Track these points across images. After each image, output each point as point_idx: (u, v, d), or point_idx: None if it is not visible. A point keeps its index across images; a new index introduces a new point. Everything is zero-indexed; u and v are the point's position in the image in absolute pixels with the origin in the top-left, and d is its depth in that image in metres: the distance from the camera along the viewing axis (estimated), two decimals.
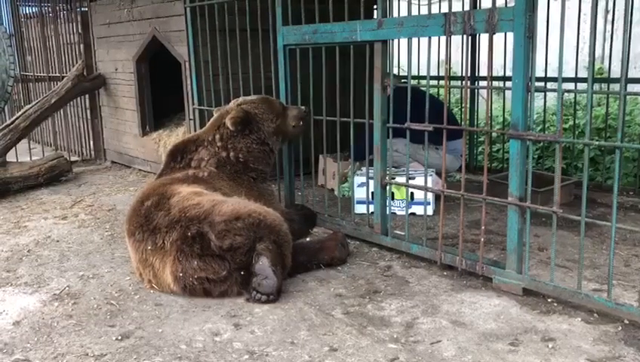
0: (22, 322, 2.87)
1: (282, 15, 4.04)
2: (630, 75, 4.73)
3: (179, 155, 3.77)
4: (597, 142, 3.16)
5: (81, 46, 6.73)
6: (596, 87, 6.22)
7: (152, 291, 3.16)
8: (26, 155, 6.32)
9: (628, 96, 5.51)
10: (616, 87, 5.77)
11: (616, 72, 5.47)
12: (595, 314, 2.75)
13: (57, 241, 4.09)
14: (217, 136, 3.76)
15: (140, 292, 3.16)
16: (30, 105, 6.10)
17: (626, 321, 2.66)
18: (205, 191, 3.34)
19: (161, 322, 2.83)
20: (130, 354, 2.53)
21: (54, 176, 5.84)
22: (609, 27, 6.39)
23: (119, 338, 2.68)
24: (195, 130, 5.02)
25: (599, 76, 6.85)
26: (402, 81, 4.68)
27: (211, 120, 3.95)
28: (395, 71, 7.03)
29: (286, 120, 3.93)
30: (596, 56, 7.31)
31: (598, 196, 4.62)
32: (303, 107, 4.00)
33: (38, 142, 7.64)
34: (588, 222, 2.76)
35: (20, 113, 5.98)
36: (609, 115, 5.38)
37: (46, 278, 3.42)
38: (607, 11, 7.80)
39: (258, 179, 3.84)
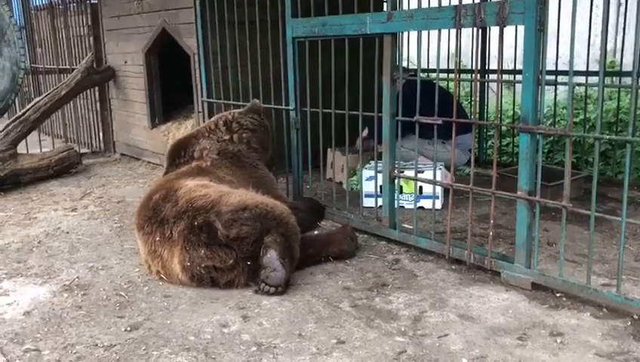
0: (32, 312, 2.90)
1: (291, 7, 4.03)
2: None
3: (182, 151, 3.87)
4: (608, 137, 3.14)
5: (91, 38, 6.73)
6: (607, 80, 6.16)
7: (160, 283, 3.18)
8: (36, 147, 6.36)
9: None
10: (627, 80, 5.72)
11: (628, 65, 5.42)
12: (604, 309, 2.74)
13: (67, 233, 4.11)
14: (221, 122, 4.01)
15: (149, 284, 3.18)
16: (40, 98, 6.13)
17: (636, 316, 2.65)
18: (212, 184, 3.37)
19: (169, 313, 2.85)
20: (139, 345, 2.55)
21: (64, 167, 5.88)
22: (621, 20, 6.33)
23: (128, 329, 2.70)
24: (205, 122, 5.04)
25: (611, 70, 6.78)
26: (411, 74, 4.65)
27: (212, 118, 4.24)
28: (405, 64, 6.99)
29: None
30: (608, 49, 7.24)
31: (608, 191, 4.59)
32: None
33: (48, 134, 7.67)
34: (598, 217, 2.73)
35: (30, 105, 6.00)
36: (620, 109, 5.33)
37: (56, 269, 3.45)
38: (619, 4, 7.72)
39: (259, 164, 4.00)
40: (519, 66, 3.30)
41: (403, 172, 3.79)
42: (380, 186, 3.81)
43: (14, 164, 5.45)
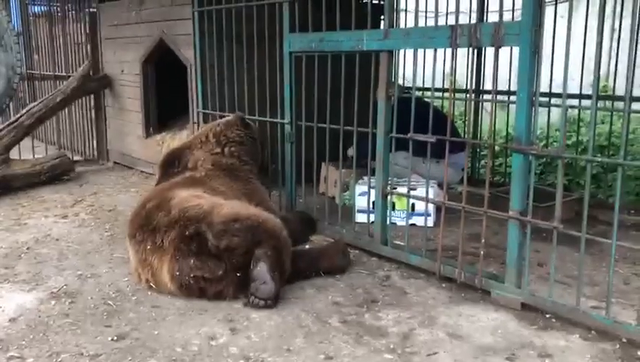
0: (18, 319, 2.87)
1: (289, 22, 4.06)
2: (635, 93, 4.72)
3: (176, 161, 3.90)
4: (600, 159, 3.16)
5: (89, 46, 6.76)
6: (600, 104, 6.21)
7: (149, 292, 3.15)
8: (29, 153, 6.32)
9: (632, 115, 5.50)
10: (620, 105, 5.77)
11: (621, 89, 5.48)
12: (593, 332, 2.74)
13: (57, 240, 4.08)
14: (211, 135, 4.03)
15: (138, 294, 3.16)
16: (35, 103, 6.11)
17: (624, 340, 2.65)
18: (205, 195, 3.37)
19: (157, 324, 2.82)
20: (125, 355, 2.52)
21: (56, 174, 5.85)
22: (615, 45, 6.40)
23: (115, 338, 2.67)
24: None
25: (604, 93, 6.84)
26: (405, 92, 4.67)
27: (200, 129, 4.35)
28: (400, 82, 7.03)
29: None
30: (601, 73, 7.30)
31: (599, 213, 4.60)
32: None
33: (42, 141, 7.65)
34: (588, 239, 2.75)
35: (24, 111, 5.98)
36: (613, 133, 5.37)
37: (44, 276, 3.42)
38: (613, 29, 7.81)
39: (252, 176, 4.03)
40: (514, 87, 3.33)
41: (396, 188, 3.79)
42: (373, 202, 3.82)
43: (6, 170, 5.42)
